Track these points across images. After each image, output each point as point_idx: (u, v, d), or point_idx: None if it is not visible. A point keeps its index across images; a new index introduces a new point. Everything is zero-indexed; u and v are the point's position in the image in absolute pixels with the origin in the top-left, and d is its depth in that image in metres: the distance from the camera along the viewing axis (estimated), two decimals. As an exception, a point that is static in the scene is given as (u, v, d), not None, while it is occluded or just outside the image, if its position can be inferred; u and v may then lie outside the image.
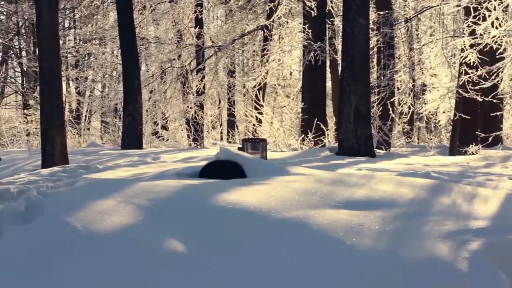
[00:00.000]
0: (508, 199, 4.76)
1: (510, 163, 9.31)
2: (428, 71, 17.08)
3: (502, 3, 12.95)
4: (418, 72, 16.94)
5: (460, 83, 14.18)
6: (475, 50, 13.35)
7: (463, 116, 14.52)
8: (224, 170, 5.97)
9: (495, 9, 12.83)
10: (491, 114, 15.77)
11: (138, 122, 13.93)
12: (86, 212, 3.86)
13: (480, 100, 14.01)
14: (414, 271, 3.33)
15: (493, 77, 13.62)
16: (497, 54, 13.31)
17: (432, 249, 3.50)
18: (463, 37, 13.89)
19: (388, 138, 14.92)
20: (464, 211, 4.24)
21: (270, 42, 18.15)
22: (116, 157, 10.43)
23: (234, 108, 22.04)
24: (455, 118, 15.61)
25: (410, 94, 16.74)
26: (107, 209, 3.94)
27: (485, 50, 13.34)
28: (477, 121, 15.31)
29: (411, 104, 16.67)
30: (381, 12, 15.05)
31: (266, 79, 18.31)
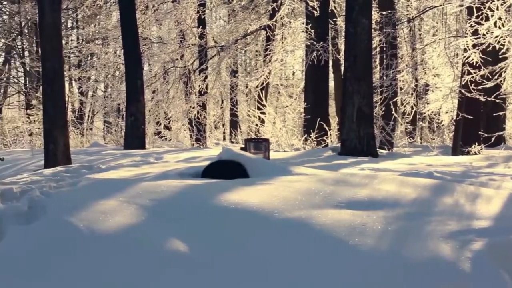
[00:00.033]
0: (511, 199, 4.75)
1: (513, 163, 9.29)
2: (430, 71, 17.04)
3: (504, 3, 12.93)
4: (420, 72, 16.89)
5: (463, 83, 14.17)
6: (477, 50, 13.33)
7: (466, 116, 14.50)
8: (226, 170, 5.97)
9: (497, 9, 12.80)
10: (494, 114, 15.72)
11: (140, 122, 13.93)
12: (89, 212, 3.86)
13: (483, 100, 13.99)
14: (416, 271, 3.33)
15: (496, 77, 13.60)
16: (500, 54, 13.28)
17: (434, 249, 3.50)
18: (465, 37, 13.87)
19: (390, 138, 14.90)
20: (467, 211, 4.24)
21: (273, 42, 18.12)
22: (118, 157, 10.44)
23: (237, 108, 22.05)
24: (457, 118, 15.60)
25: (412, 94, 16.71)
26: (109, 209, 3.94)
27: (488, 50, 13.31)
28: (479, 121, 15.29)
29: (414, 104, 16.66)
30: (383, 12, 15.03)
31: (268, 79, 18.28)
